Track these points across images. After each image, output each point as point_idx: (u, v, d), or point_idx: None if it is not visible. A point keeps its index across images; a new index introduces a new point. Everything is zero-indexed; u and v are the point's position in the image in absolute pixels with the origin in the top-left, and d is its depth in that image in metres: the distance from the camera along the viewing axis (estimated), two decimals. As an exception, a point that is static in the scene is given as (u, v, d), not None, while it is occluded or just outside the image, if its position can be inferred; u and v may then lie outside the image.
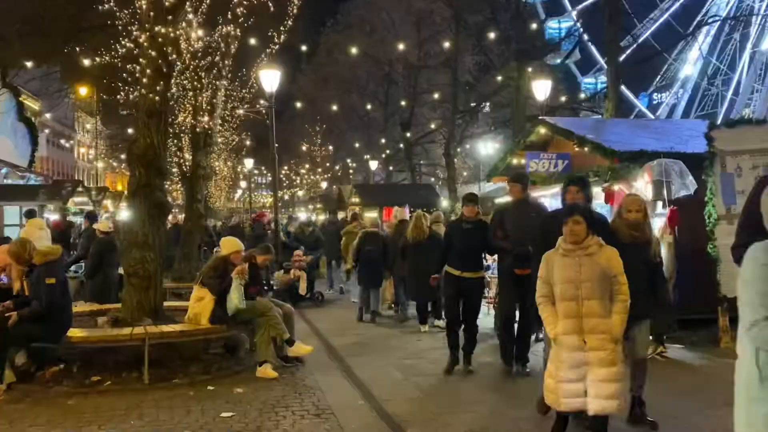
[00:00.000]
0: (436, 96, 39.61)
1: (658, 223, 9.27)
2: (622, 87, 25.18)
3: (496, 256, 8.37)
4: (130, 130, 24.09)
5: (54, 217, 18.54)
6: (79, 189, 20.34)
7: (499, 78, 31.26)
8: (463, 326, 7.62)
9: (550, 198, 11.38)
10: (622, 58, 23.32)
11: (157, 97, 8.36)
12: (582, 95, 37.78)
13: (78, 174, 57.24)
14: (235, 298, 7.23)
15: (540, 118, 15.13)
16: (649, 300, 5.28)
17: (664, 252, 8.90)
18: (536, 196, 10.39)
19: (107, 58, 13.52)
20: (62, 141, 54.47)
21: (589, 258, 4.63)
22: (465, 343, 7.61)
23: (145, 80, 8.48)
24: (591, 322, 4.55)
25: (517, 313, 7.48)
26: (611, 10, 21.03)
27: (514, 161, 14.30)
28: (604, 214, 10.91)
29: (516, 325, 7.49)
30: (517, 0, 27.72)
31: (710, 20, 36.86)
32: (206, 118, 15.39)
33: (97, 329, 7.72)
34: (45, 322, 6.58)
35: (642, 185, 9.57)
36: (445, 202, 28.13)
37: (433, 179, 44.59)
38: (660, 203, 9.18)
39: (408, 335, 10.21)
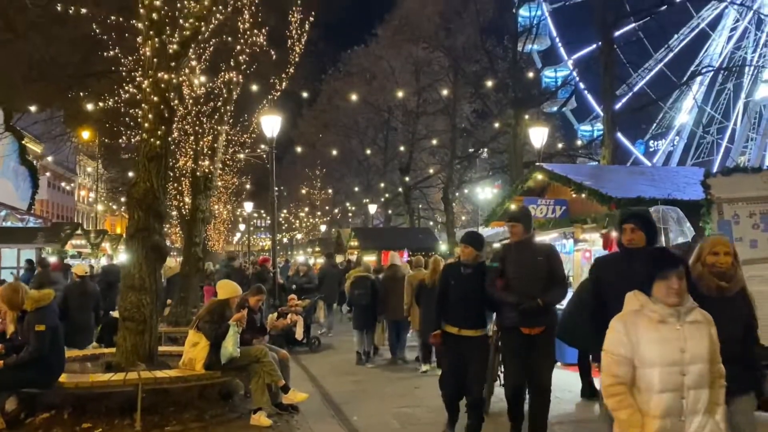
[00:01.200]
0: (434, 142, 40.06)
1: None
2: (619, 134, 25.52)
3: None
4: (130, 174, 24.21)
5: (51, 259, 18.49)
6: (78, 232, 20.34)
7: (497, 125, 31.68)
8: (465, 399, 6.28)
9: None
10: (617, 106, 23.68)
11: (158, 142, 8.44)
12: (579, 142, 38.22)
13: (77, 217, 57.33)
14: (230, 346, 7.14)
15: (537, 164, 15.27)
16: (749, 369, 3.97)
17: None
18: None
19: (110, 102, 13.72)
20: (63, 184, 54.74)
21: (694, 328, 3.31)
22: (469, 422, 6.21)
23: (146, 125, 8.58)
24: (696, 422, 3.24)
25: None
26: (606, 60, 21.45)
27: (512, 206, 14.36)
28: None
29: (528, 400, 6.10)
30: (514, 49, 28.28)
31: (704, 70, 37.60)
32: (207, 162, 15.50)
33: (90, 374, 7.60)
34: (35, 367, 6.48)
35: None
36: (443, 246, 28.11)
37: (431, 223, 44.67)
38: (658, 250, 9.19)
39: (406, 381, 10.06)
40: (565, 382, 8.67)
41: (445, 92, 36.45)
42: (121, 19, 11.70)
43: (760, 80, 40.60)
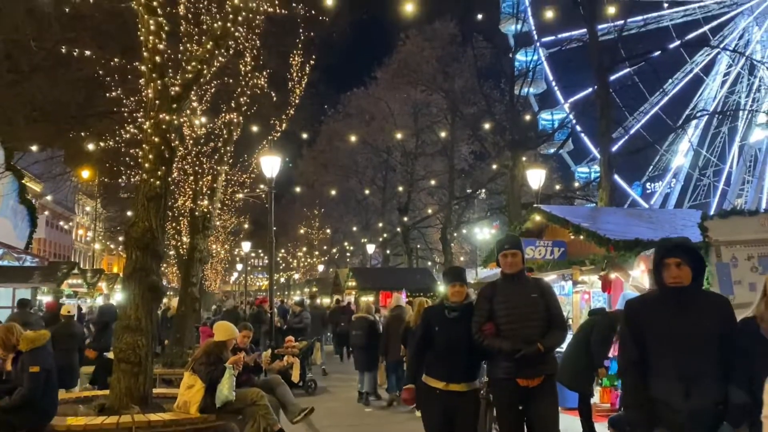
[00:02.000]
0: (433, 182, 40.32)
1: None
2: (615, 176, 25.68)
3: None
4: (129, 213, 24.18)
5: (47, 299, 18.36)
6: (75, 271, 20.25)
7: (495, 166, 31.95)
8: None
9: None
10: (614, 148, 23.89)
11: (157, 182, 8.48)
12: (576, 184, 38.46)
13: (75, 256, 57.16)
14: (226, 389, 7.04)
15: (535, 206, 15.33)
16: None
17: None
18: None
19: (111, 142, 13.83)
20: (61, 223, 54.76)
21: None
22: None
23: (147, 165, 8.62)
24: None
25: None
26: (602, 104, 21.73)
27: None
28: (602, 304, 10.94)
29: None
30: (511, 93, 28.69)
31: (698, 114, 38.16)
32: (206, 202, 15.54)
33: (83, 417, 7.47)
34: (28, 409, 6.36)
35: (639, 274, 9.60)
36: (441, 287, 27.98)
37: (429, 263, 44.58)
38: (657, 292, 9.16)
39: (404, 424, 9.89)
40: (565, 427, 8.53)
41: (443, 134, 36.90)
42: (124, 61, 11.89)
43: (754, 124, 41.11)
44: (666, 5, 39.11)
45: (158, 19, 8.56)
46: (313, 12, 13.90)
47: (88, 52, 12.09)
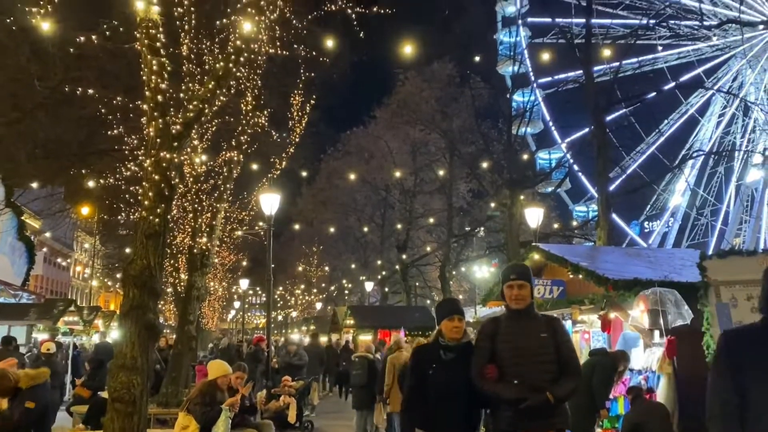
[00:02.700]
0: (431, 220, 40.40)
1: (656, 354, 9.16)
2: (613, 215, 25.74)
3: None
4: (127, 250, 24.12)
5: (43, 336, 18.18)
6: (71, 308, 20.08)
7: (493, 204, 32.06)
8: None
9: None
10: (611, 188, 24.05)
11: (156, 220, 8.48)
12: (574, 222, 38.58)
13: (72, 292, 56.85)
14: (221, 431, 6.94)
15: (533, 244, 15.34)
16: None
17: (663, 383, 8.72)
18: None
19: (111, 180, 13.90)
20: (59, 260, 54.61)
21: None
22: None
23: (146, 203, 8.64)
24: None
25: None
26: (599, 144, 21.93)
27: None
28: (602, 344, 10.85)
29: None
30: (509, 132, 28.98)
31: (695, 154, 38.49)
32: (204, 240, 15.54)
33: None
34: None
35: (638, 314, 9.56)
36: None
37: (428, 302, 44.33)
38: (657, 333, 9.12)
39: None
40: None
41: (441, 172, 37.13)
42: (126, 99, 12.04)
43: (750, 164, 41.46)
44: (660, 48, 39.82)
45: (161, 60, 8.70)
46: (314, 53, 14.14)
47: (91, 91, 12.24)
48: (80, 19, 10.20)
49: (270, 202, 16.95)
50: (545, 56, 30.96)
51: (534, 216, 20.28)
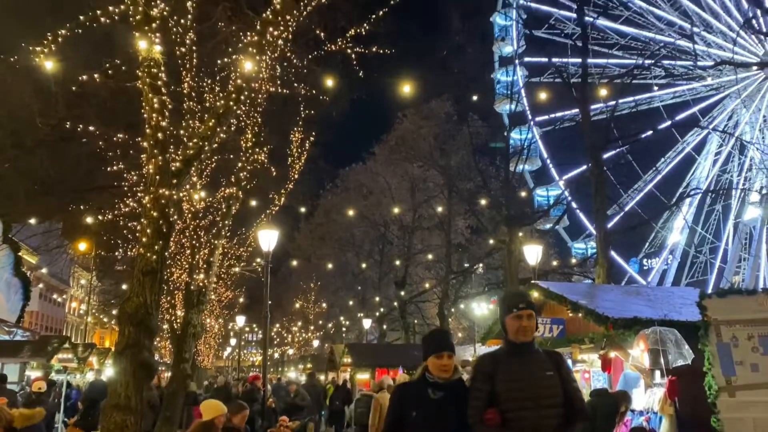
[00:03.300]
0: (430, 256, 40.32)
1: (657, 394, 9.04)
2: (612, 253, 25.72)
3: None
4: (124, 286, 24.00)
5: (36, 374, 17.94)
6: (66, 346, 19.85)
7: (491, 241, 32.04)
8: None
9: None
10: (610, 225, 24.08)
11: (154, 257, 8.46)
12: (573, 260, 38.49)
13: (67, 329, 56.34)
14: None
15: (533, 282, 15.28)
16: None
17: (665, 425, 8.58)
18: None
19: (109, 216, 13.90)
20: (55, 296, 54.26)
21: None
22: None
23: (144, 239, 8.63)
24: None
25: None
26: (597, 182, 22.04)
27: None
28: (602, 383, 10.72)
29: None
30: (506, 169, 29.15)
31: (692, 192, 38.68)
32: (201, 276, 15.48)
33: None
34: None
35: (638, 353, 9.46)
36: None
37: (427, 340, 43.84)
38: (658, 372, 9.02)
39: None
40: None
41: (440, 209, 37.22)
42: (126, 136, 12.13)
43: (747, 202, 41.62)
44: (656, 87, 40.37)
45: (162, 98, 8.80)
46: (314, 91, 14.30)
47: (92, 128, 12.34)
48: (83, 58, 10.34)
49: (268, 238, 16.92)
50: (542, 95, 31.35)
51: (533, 253, 20.25)
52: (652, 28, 39.89)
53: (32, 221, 21.26)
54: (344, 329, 54.41)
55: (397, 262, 41.38)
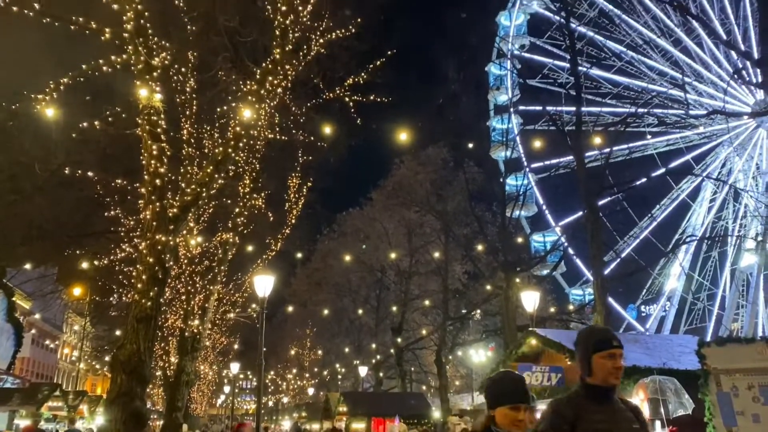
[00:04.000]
0: (427, 302, 40.04)
1: (658, 446, 8.89)
2: (610, 299, 25.60)
3: None
4: (118, 332, 23.72)
5: (25, 423, 17.56)
6: (56, 393, 19.49)
7: (489, 287, 31.89)
8: None
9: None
10: (606, 271, 24.00)
11: (149, 303, 8.42)
12: (570, 306, 38.28)
13: (59, 376, 55.36)
14: None
15: (530, 329, 15.19)
16: None
17: (668, 478, 8.41)
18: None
19: (105, 261, 13.87)
20: (47, 341, 53.53)
21: None
22: None
23: (139, 285, 8.60)
24: None
25: None
26: (592, 228, 22.07)
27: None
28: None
29: None
30: (503, 215, 29.25)
31: (688, 239, 38.75)
32: (196, 322, 15.36)
33: None
34: None
35: (638, 403, 9.34)
36: (436, 413, 26.98)
37: (424, 387, 43.25)
38: (658, 423, 8.89)
39: None
40: None
41: (437, 254, 37.16)
42: (125, 182, 12.19)
43: (743, 249, 41.69)
44: (649, 136, 40.91)
45: (161, 145, 8.90)
46: (312, 138, 14.46)
47: (90, 173, 12.42)
48: (84, 105, 10.48)
49: (264, 284, 16.82)
50: (537, 143, 31.76)
51: (530, 300, 20.15)
52: (644, 77, 40.63)
53: (27, 266, 21.16)
54: (340, 377, 53.61)
55: (394, 308, 41.08)
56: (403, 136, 21.91)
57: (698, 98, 40.32)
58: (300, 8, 10.65)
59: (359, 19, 12.60)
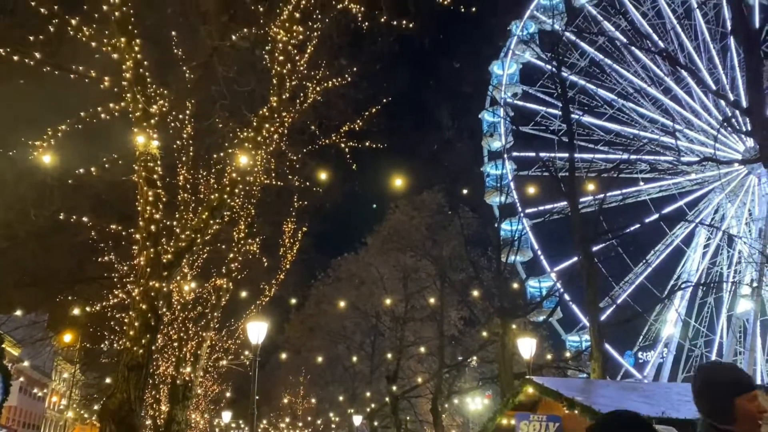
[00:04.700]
0: (422, 349, 39.59)
1: (660, 499, 8.67)
2: (607, 346, 25.40)
3: None
4: (108, 380, 23.30)
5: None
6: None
7: (485, 333, 31.63)
8: None
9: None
10: (603, 318, 23.90)
11: (140, 351, 8.31)
12: (567, 353, 37.89)
13: (46, 425, 54.07)
14: None
15: (527, 377, 14.98)
16: None
17: None
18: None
19: (97, 307, 13.73)
20: (35, 389, 52.44)
21: None
22: None
23: (131, 332, 8.51)
24: None
25: None
26: (587, 274, 22.06)
27: (504, 421, 13.85)
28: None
29: None
30: (498, 260, 29.21)
31: (683, 285, 38.68)
32: (188, 370, 15.12)
33: None
34: None
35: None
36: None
37: (419, 437, 42.39)
38: (659, 475, 8.68)
39: None
40: None
41: (432, 300, 36.96)
42: (120, 227, 12.17)
43: (739, 295, 41.58)
44: (642, 182, 41.26)
45: (157, 191, 8.93)
46: (307, 183, 14.53)
47: (85, 219, 12.42)
48: (81, 151, 10.55)
49: (257, 330, 16.62)
50: (530, 190, 32.01)
51: (527, 347, 19.97)
52: (635, 124, 41.27)
53: (18, 312, 20.91)
54: (333, 426, 52.55)
55: (389, 355, 40.57)
56: (398, 182, 22.07)
57: (689, 145, 40.86)
58: (297, 58, 10.86)
59: (355, 68, 12.85)
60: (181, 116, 10.74)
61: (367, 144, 12.70)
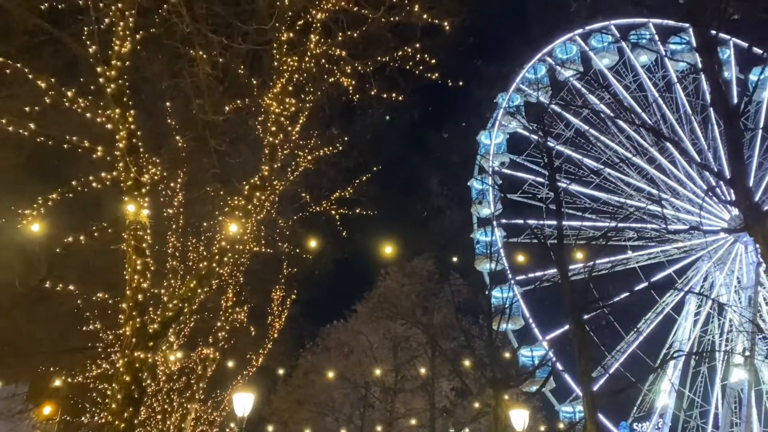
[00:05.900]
0: (413, 421, 38.57)
1: None
2: (601, 416, 24.90)
3: None
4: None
5: None
6: None
7: (477, 404, 30.98)
8: None
9: None
10: (596, 388, 23.51)
11: (122, 425, 8.05)
12: (561, 425, 37.07)
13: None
14: None
15: (521, 451, 14.58)
16: None
17: None
18: None
19: (80, 378, 13.38)
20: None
21: None
22: None
23: (113, 406, 8.27)
24: None
25: None
26: (579, 343, 21.82)
27: None
28: None
29: None
30: (489, 328, 28.93)
31: (675, 354, 38.34)
32: (171, 444, 14.62)
33: None
34: None
35: None
36: None
37: None
38: None
39: None
40: None
41: (423, 370, 36.33)
42: (106, 296, 12.02)
43: (732, 364, 41.21)
44: (630, 251, 41.51)
45: (145, 260, 8.87)
46: (297, 250, 14.51)
47: (72, 287, 12.26)
48: (69, 220, 10.54)
49: (243, 402, 16.20)
50: (521, 257, 32.13)
51: (519, 418, 19.55)
52: (622, 193, 41.90)
53: (-3, 386, 20.32)
54: None
55: (379, 428, 39.45)
56: (388, 249, 22.10)
57: (676, 213, 41.41)
58: (289, 128, 11.05)
59: (346, 138, 13.08)
60: (172, 185, 10.81)
61: (357, 211, 12.79)
